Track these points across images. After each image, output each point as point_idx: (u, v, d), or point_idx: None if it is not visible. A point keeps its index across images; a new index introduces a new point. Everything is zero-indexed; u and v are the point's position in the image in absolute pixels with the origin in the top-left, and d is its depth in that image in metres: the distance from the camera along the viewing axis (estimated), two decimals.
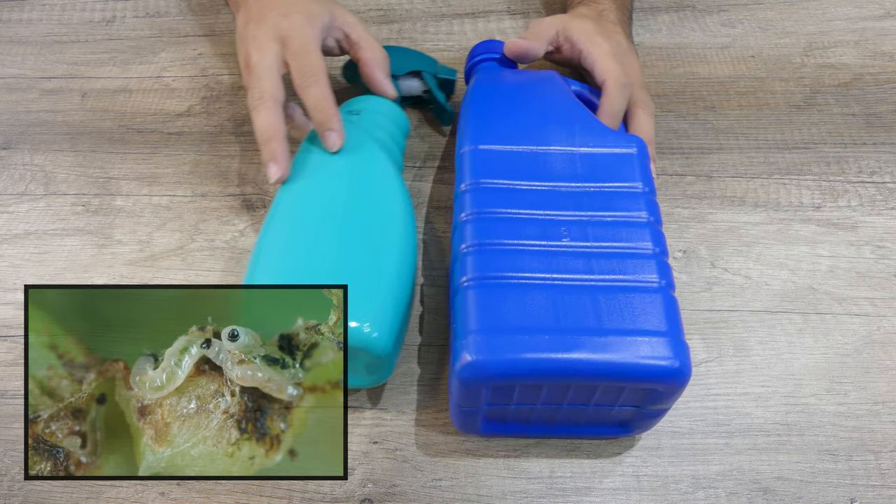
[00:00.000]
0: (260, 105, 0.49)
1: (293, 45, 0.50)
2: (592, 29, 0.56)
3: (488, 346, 0.38)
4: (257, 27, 0.52)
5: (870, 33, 0.68)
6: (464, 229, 0.43)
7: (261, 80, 0.49)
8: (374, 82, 0.55)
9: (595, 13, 0.59)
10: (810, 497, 0.43)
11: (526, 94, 0.52)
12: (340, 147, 0.49)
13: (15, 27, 0.69)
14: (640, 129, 0.53)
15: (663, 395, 0.39)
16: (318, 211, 0.45)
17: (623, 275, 0.41)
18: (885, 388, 0.47)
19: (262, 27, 0.51)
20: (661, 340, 0.38)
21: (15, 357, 0.49)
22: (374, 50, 0.55)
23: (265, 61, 0.50)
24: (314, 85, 0.49)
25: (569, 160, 0.46)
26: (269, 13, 0.52)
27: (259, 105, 0.49)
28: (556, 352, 0.37)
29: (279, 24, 0.51)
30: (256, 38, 0.51)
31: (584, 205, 0.44)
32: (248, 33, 0.52)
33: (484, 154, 0.47)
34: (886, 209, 0.56)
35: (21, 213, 0.56)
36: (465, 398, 0.40)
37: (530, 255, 0.41)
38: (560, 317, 0.39)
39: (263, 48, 0.50)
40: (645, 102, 0.54)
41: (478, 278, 0.41)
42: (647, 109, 0.54)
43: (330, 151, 0.48)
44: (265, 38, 0.51)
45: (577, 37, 0.55)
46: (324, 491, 0.44)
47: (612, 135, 0.48)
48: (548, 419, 0.43)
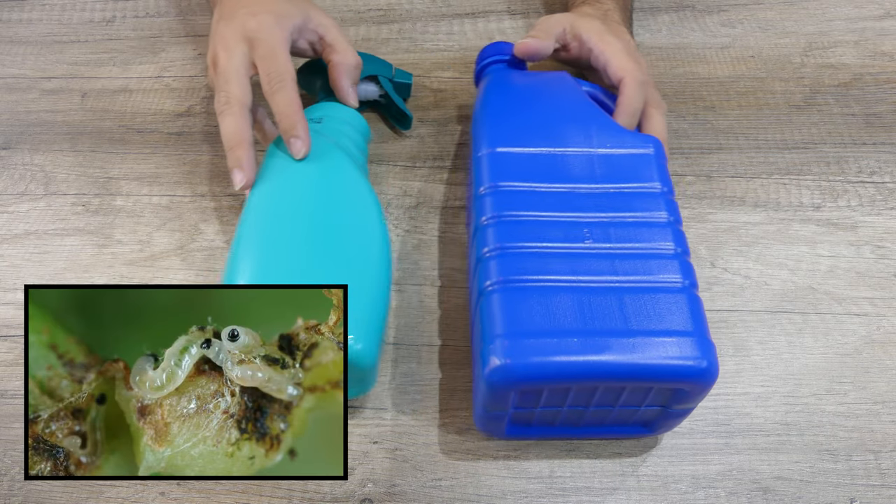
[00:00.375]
0: (227, 110, 0.48)
1: (260, 47, 0.50)
2: (602, 28, 0.55)
3: (516, 349, 0.38)
4: (226, 25, 0.51)
5: (870, 33, 0.68)
6: (485, 233, 0.43)
7: (228, 84, 0.49)
8: (338, 89, 0.54)
9: (600, 13, 0.59)
10: (810, 497, 0.44)
11: (540, 95, 0.52)
12: (305, 155, 0.48)
13: (15, 27, 0.69)
14: (655, 128, 0.52)
15: (690, 395, 0.39)
16: (290, 223, 0.45)
17: (647, 275, 0.41)
18: (885, 387, 0.48)
19: (230, 26, 0.51)
20: (687, 340, 0.38)
21: (15, 357, 0.49)
22: (348, 55, 0.54)
23: (232, 63, 0.49)
24: (280, 91, 0.49)
25: (587, 161, 0.46)
26: (239, 11, 0.51)
27: (226, 110, 0.48)
28: (584, 354, 0.37)
29: (247, 24, 0.50)
30: (224, 38, 0.50)
31: (604, 206, 0.44)
32: (218, 31, 0.51)
33: (501, 157, 0.47)
34: (886, 209, 0.56)
35: (21, 213, 0.56)
36: (492, 402, 0.40)
37: (554, 257, 0.41)
38: (587, 319, 0.39)
39: (231, 49, 0.50)
40: (658, 102, 0.54)
41: (502, 282, 0.41)
42: (661, 109, 0.54)
43: (295, 158, 0.48)
44: (233, 39, 0.50)
45: (588, 35, 0.55)
46: (324, 491, 0.44)
47: (629, 135, 0.48)
48: (573, 421, 0.43)
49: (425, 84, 0.64)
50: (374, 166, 0.59)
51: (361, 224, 0.46)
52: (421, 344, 0.49)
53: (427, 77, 0.65)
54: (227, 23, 0.51)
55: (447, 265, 0.53)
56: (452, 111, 0.62)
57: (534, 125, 0.48)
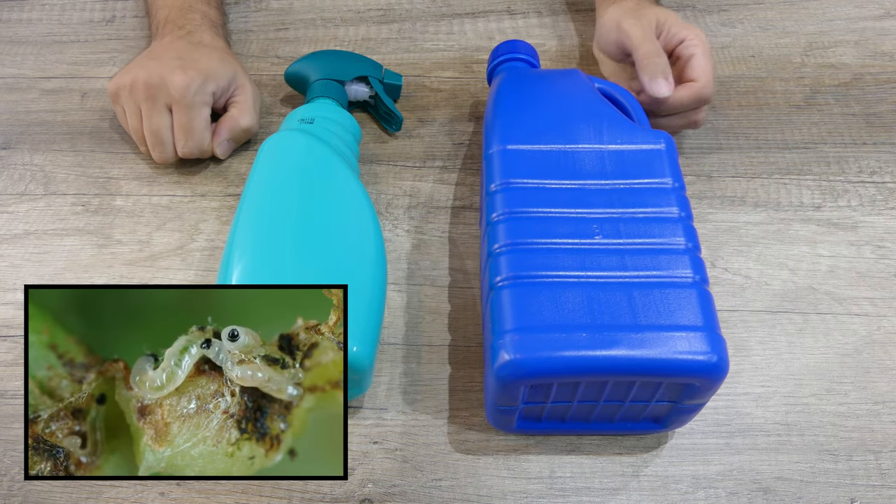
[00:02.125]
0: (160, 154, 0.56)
1: (180, 114, 0.54)
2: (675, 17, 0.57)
3: (526, 344, 0.38)
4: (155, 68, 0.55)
5: (870, 33, 0.68)
6: (496, 229, 0.44)
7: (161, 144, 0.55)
8: (215, 134, 0.57)
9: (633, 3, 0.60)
10: (810, 497, 0.43)
11: (551, 92, 0.52)
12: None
13: (15, 27, 0.69)
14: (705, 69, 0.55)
15: (700, 390, 0.39)
16: (283, 224, 0.45)
17: (657, 270, 0.41)
18: (885, 388, 0.47)
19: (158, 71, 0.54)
20: (697, 335, 0.38)
21: (15, 357, 0.49)
22: (243, 116, 0.57)
23: (156, 122, 0.54)
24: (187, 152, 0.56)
25: (598, 158, 0.46)
26: (172, 57, 0.56)
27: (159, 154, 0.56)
28: (593, 349, 0.38)
29: (174, 80, 0.54)
30: (150, 87, 0.54)
31: (614, 202, 0.44)
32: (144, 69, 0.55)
33: (513, 154, 0.47)
34: (886, 209, 0.56)
35: (21, 213, 0.56)
36: (502, 397, 0.40)
37: (563, 253, 0.42)
38: (596, 314, 0.39)
39: (153, 109, 0.54)
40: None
41: (512, 278, 0.41)
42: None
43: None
44: (157, 95, 0.54)
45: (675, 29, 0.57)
46: (324, 491, 0.44)
47: (640, 131, 0.48)
48: (583, 416, 0.44)
49: (425, 84, 0.64)
50: (373, 166, 0.59)
51: (355, 225, 0.46)
52: (421, 344, 0.49)
53: (427, 77, 0.65)
54: (157, 64, 0.55)
55: (447, 265, 0.53)
56: (452, 111, 0.62)
57: (545, 122, 0.49)
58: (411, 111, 0.62)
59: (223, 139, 0.57)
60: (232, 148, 0.58)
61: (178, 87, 0.53)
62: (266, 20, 0.69)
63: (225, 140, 0.57)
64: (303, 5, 0.71)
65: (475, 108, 0.63)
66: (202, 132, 0.55)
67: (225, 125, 0.57)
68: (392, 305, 0.51)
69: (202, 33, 0.60)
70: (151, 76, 0.53)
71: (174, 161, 0.57)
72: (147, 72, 0.54)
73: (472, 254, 0.53)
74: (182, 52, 0.56)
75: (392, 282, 0.52)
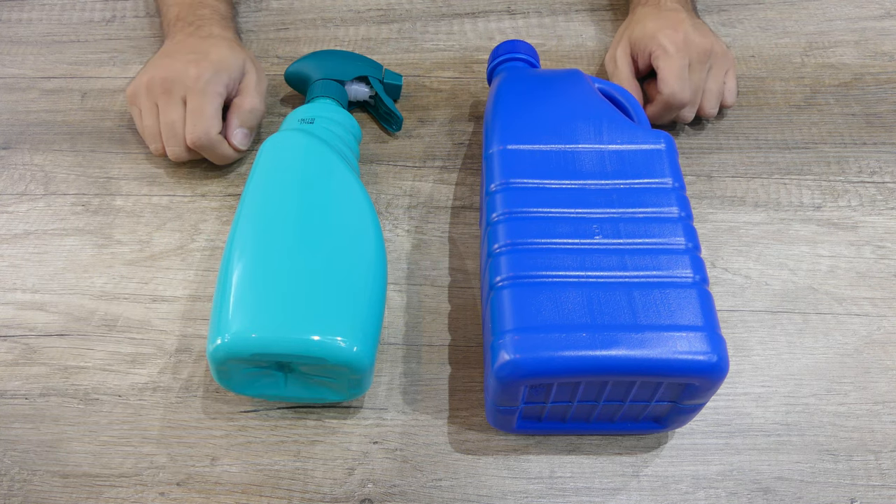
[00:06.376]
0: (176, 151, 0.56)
1: (192, 101, 0.54)
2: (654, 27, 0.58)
3: (525, 344, 0.38)
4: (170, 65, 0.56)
5: (870, 33, 0.68)
6: (496, 229, 0.44)
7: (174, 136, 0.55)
8: (227, 126, 0.57)
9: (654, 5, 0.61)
10: (810, 497, 0.43)
11: (552, 92, 0.52)
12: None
13: (15, 27, 0.69)
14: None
15: (700, 390, 0.39)
16: (283, 224, 0.45)
17: (657, 270, 0.41)
18: (885, 388, 0.47)
19: (172, 68, 0.55)
20: (698, 335, 0.38)
21: (15, 357, 0.49)
22: (246, 100, 0.57)
23: (171, 116, 0.55)
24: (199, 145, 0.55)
25: (598, 158, 0.46)
26: (183, 54, 0.56)
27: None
28: (593, 349, 0.38)
29: (187, 73, 0.54)
30: (166, 81, 0.54)
31: (614, 202, 0.44)
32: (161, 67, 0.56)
33: (513, 154, 0.47)
34: (886, 209, 0.56)
35: (21, 213, 0.56)
36: (502, 397, 0.40)
37: (563, 253, 0.42)
38: (596, 314, 0.39)
39: (169, 102, 0.55)
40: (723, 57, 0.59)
41: (512, 278, 0.41)
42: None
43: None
44: (173, 89, 0.55)
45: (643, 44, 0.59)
46: (324, 491, 0.44)
47: (640, 131, 0.48)
48: (584, 416, 0.44)
49: (425, 84, 0.64)
50: (374, 166, 0.59)
51: (355, 225, 0.46)
52: (421, 344, 0.49)
53: (427, 77, 0.65)
54: (172, 61, 0.56)
55: (447, 265, 0.53)
56: (452, 111, 0.62)
57: (545, 122, 0.49)
58: (411, 111, 0.62)
59: (234, 128, 0.56)
60: (248, 136, 0.57)
61: (192, 77, 0.54)
62: (266, 20, 0.70)
63: (237, 129, 0.56)
64: (303, 5, 0.71)
65: (475, 108, 0.63)
66: (211, 118, 0.54)
67: (232, 112, 0.57)
68: (392, 305, 0.51)
69: (211, 26, 0.60)
70: (167, 72, 0.55)
71: (187, 158, 0.56)
72: (163, 69, 0.55)
73: (472, 254, 0.53)
74: (194, 48, 0.57)
75: (392, 282, 0.52)
